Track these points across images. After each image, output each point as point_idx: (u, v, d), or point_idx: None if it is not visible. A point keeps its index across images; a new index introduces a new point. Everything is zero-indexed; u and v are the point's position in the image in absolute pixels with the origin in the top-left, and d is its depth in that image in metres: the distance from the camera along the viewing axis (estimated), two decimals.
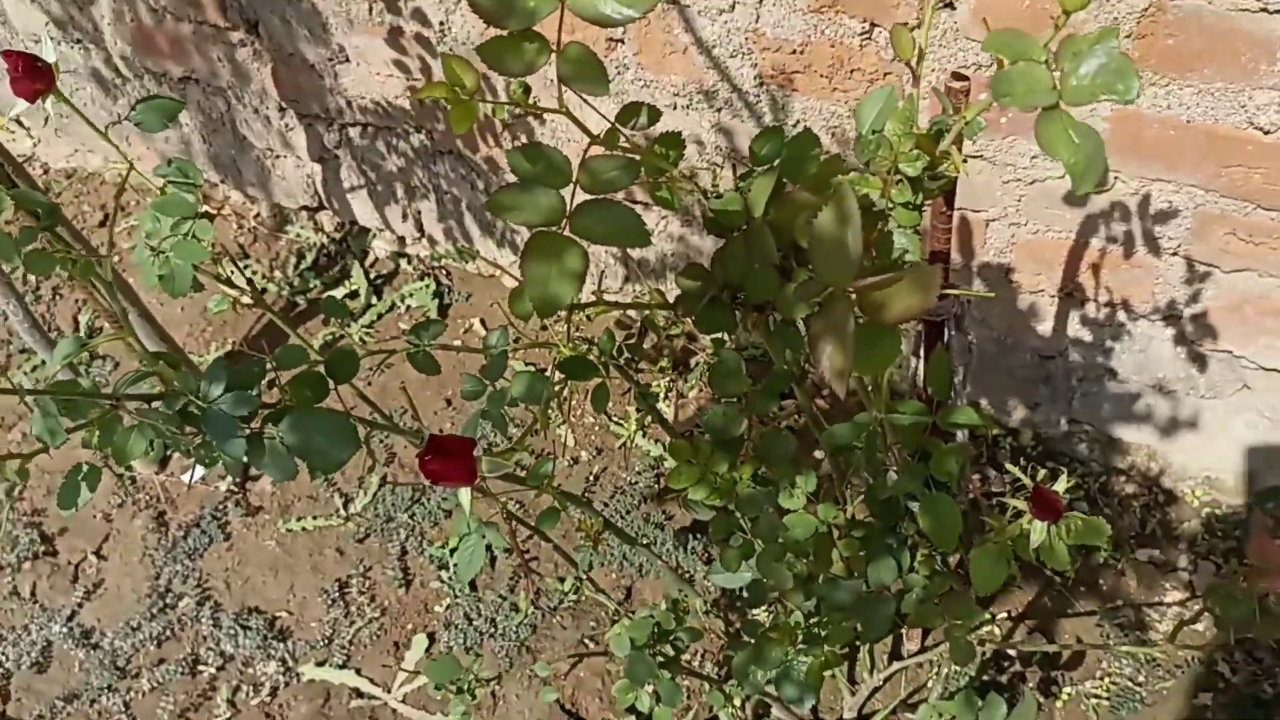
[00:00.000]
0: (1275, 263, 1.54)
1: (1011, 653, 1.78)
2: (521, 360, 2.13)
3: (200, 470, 2.08)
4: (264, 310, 1.21)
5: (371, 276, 2.33)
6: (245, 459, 1.00)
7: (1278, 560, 1.18)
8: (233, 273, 1.44)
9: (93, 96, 2.39)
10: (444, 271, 2.31)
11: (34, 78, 1.05)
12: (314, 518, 2.04)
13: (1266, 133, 1.40)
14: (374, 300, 2.29)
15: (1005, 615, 1.81)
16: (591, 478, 2.02)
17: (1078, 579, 1.83)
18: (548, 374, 1.12)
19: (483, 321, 2.26)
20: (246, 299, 1.18)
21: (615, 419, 2.08)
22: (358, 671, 1.88)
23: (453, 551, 1.96)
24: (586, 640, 1.86)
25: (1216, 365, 1.71)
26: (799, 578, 1.06)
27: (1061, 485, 0.97)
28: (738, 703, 1.44)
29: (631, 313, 2.18)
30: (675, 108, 1.77)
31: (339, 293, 2.29)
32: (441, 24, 1.81)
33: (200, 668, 1.91)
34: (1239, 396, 1.75)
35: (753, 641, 1.11)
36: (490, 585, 1.93)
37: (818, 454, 1.76)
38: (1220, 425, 1.81)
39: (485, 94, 1.92)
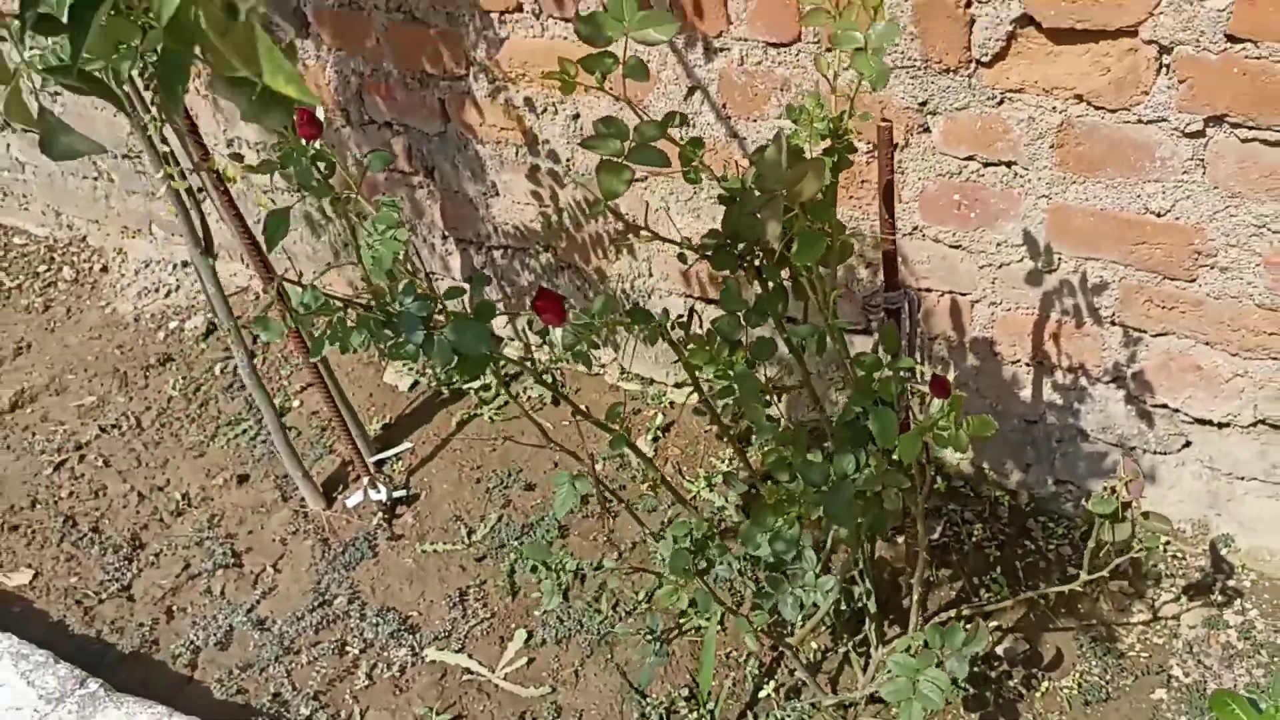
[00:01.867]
0: (1187, 325, 2.00)
1: (1000, 652, 2.15)
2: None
3: (359, 497, 2.62)
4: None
5: (502, 374, 2.92)
6: (422, 347, 1.56)
7: (1136, 476, 1.60)
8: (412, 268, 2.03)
9: (302, 235, 3.11)
10: (559, 370, 2.89)
11: (311, 124, 1.69)
12: (444, 543, 2.55)
13: (1159, 215, 1.91)
14: (502, 392, 2.87)
15: (997, 627, 2.20)
16: (665, 521, 2.50)
17: (1059, 603, 2.21)
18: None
19: (585, 409, 2.80)
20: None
21: (687, 478, 2.58)
22: (469, 655, 2.34)
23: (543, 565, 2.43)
24: (651, 635, 2.29)
25: (1161, 421, 2.15)
26: (784, 462, 1.55)
27: (951, 375, 1.46)
28: (760, 625, 1.87)
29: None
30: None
31: (475, 385, 2.88)
32: (567, 160, 2.46)
33: (346, 649, 2.39)
34: (1184, 451, 2.17)
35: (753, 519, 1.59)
36: (579, 595, 2.39)
37: None
38: (1173, 479, 2.22)
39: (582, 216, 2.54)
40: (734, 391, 1.50)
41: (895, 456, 1.52)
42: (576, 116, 2.40)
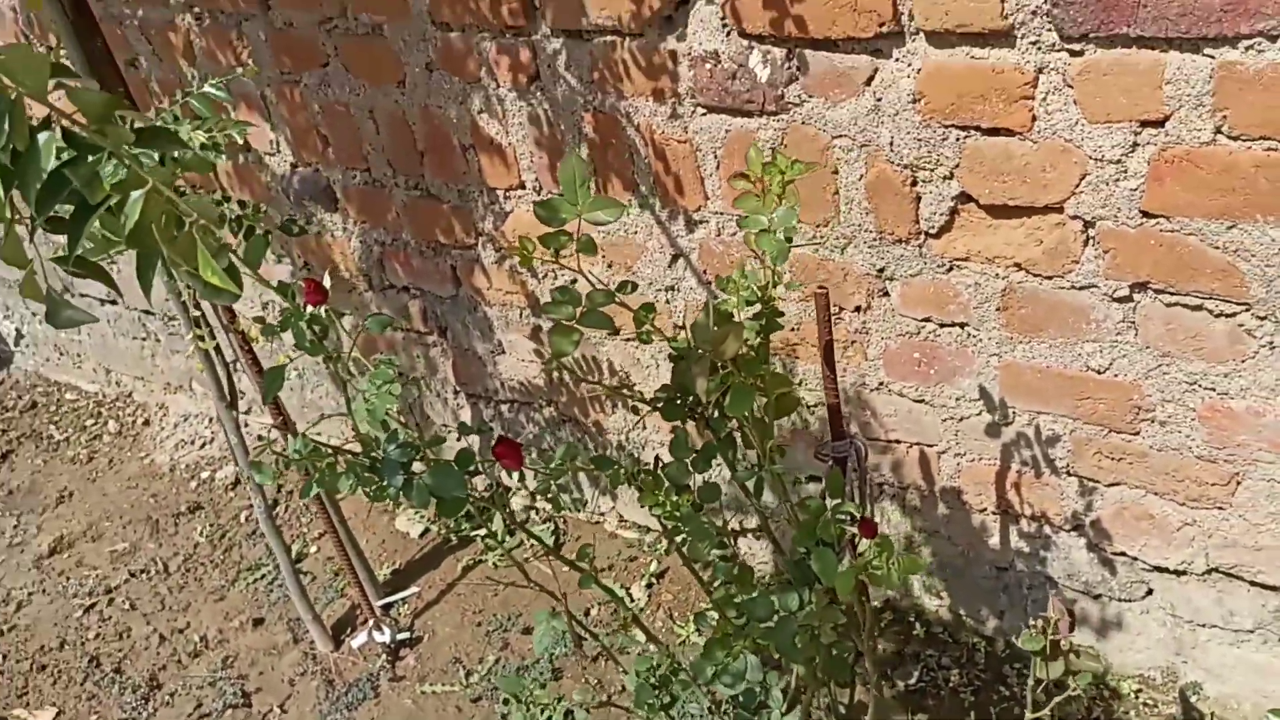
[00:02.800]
0: (1136, 476, 2.12)
1: None
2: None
3: (363, 638, 2.75)
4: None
5: (507, 523, 3.06)
6: (401, 490, 1.72)
7: (1063, 615, 1.70)
8: (404, 420, 2.20)
9: (328, 391, 3.32)
10: (562, 519, 3.03)
11: (317, 292, 1.89)
12: (443, 684, 2.66)
13: (1099, 372, 2.04)
14: (507, 539, 3.00)
15: None
16: None
17: None
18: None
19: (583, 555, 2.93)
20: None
21: (678, 622, 2.68)
22: None
23: (514, 698, 2.53)
24: None
25: (1122, 569, 2.24)
26: (731, 599, 1.67)
27: (878, 515, 1.59)
28: None
29: None
30: None
31: (480, 532, 3.02)
32: None
33: None
34: (1148, 599, 2.25)
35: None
36: None
37: None
38: (1140, 625, 2.29)
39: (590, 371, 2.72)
40: (681, 531, 1.64)
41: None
42: (574, 282, 2.60)
